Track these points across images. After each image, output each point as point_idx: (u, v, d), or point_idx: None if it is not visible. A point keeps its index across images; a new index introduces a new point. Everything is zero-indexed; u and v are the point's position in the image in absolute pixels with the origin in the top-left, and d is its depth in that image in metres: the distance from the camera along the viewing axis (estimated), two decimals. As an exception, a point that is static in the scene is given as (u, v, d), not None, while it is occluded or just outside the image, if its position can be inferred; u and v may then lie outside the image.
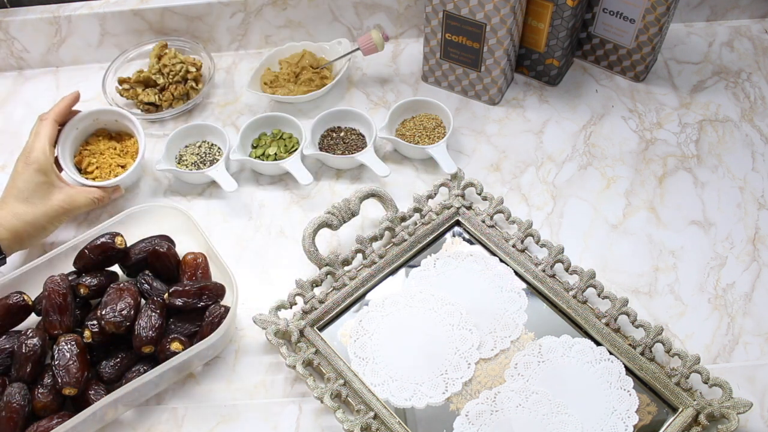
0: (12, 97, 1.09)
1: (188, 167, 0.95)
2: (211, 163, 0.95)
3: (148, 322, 0.76)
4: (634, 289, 0.84)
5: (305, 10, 1.08)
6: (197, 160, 0.95)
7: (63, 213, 0.83)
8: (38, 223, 0.81)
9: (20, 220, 0.80)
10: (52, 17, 1.06)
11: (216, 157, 0.96)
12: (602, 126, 1.01)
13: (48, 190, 0.82)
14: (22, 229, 0.80)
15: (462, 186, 0.90)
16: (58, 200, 0.83)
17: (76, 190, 0.85)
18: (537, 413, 0.74)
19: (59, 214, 0.83)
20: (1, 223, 0.79)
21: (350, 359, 0.78)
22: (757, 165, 0.96)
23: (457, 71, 1.02)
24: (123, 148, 0.95)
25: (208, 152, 0.97)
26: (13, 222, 0.79)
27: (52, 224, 0.83)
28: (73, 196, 0.84)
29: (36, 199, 0.81)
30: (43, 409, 0.72)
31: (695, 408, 0.73)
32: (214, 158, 0.96)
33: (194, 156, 0.96)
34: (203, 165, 0.95)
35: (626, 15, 0.98)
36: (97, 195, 0.86)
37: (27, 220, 0.80)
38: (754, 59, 1.08)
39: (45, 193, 0.82)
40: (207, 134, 0.98)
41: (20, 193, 0.81)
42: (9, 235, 0.79)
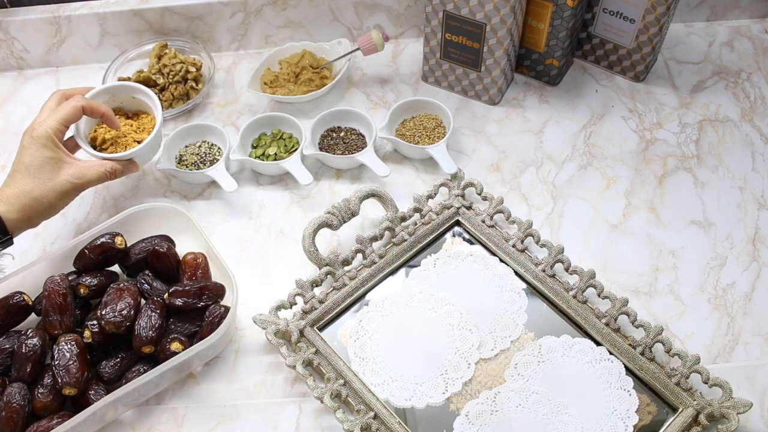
0: (12, 97, 1.09)
1: (188, 167, 0.95)
2: (211, 163, 0.95)
3: (148, 322, 0.76)
4: (634, 289, 0.84)
5: (305, 10, 1.08)
6: (197, 160, 0.95)
7: (72, 188, 0.80)
8: (47, 199, 0.78)
9: (28, 197, 0.77)
10: (52, 17, 1.06)
11: (216, 157, 0.96)
12: (602, 126, 1.01)
13: (56, 165, 0.79)
14: (30, 207, 0.77)
15: (462, 186, 0.90)
16: (67, 175, 0.79)
17: (87, 164, 0.81)
18: (537, 413, 0.74)
19: (68, 190, 0.79)
20: (9, 200, 0.76)
21: (350, 359, 0.78)
22: (757, 165, 0.96)
23: (457, 71, 1.02)
24: (140, 125, 0.92)
25: (208, 152, 0.97)
26: (21, 200, 0.76)
27: (61, 200, 0.80)
28: (82, 169, 0.81)
29: (44, 174, 0.78)
30: (43, 409, 0.72)
31: (695, 408, 0.73)
32: (214, 158, 0.96)
33: (194, 156, 0.96)
34: (203, 165, 0.95)
35: (626, 15, 0.98)
36: (108, 167, 0.82)
37: (35, 197, 0.77)
38: (754, 59, 1.08)
39: (53, 168, 0.79)
40: (207, 134, 0.98)
41: (27, 168, 0.78)
42: (17, 214, 0.76)
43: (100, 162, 0.83)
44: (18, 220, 0.76)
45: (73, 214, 0.94)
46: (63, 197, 0.79)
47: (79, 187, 0.80)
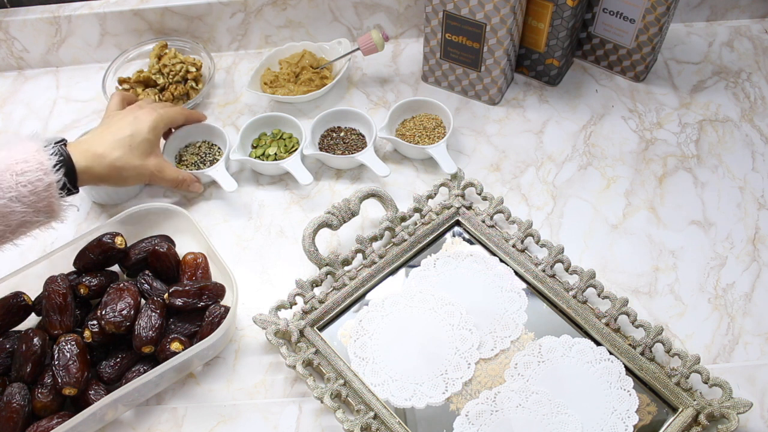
0: (12, 97, 1.09)
1: (188, 167, 0.95)
2: (211, 163, 0.95)
3: (148, 322, 0.76)
4: (634, 289, 0.84)
5: (305, 10, 1.08)
6: (197, 160, 0.96)
7: (149, 176, 0.85)
8: (127, 172, 0.82)
9: (112, 164, 0.80)
10: (52, 17, 1.06)
11: (216, 157, 0.96)
12: (602, 126, 1.01)
13: (150, 149, 0.85)
14: (112, 171, 0.80)
15: (462, 186, 0.90)
16: (153, 163, 0.85)
17: (168, 163, 0.88)
18: (537, 413, 0.74)
19: (146, 175, 0.85)
20: (95, 158, 0.78)
21: (350, 359, 0.78)
22: (757, 165, 0.96)
23: (457, 71, 1.02)
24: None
25: (209, 152, 0.97)
26: (108, 162, 0.80)
27: (135, 179, 0.84)
28: (164, 165, 0.87)
29: (138, 151, 0.83)
30: (43, 409, 0.72)
31: (695, 408, 0.73)
32: (215, 158, 0.96)
33: (194, 156, 0.96)
34: (203, 165, 0.95)
35: (626, 15, 0.98)
36: (183, 175, 0.89)
37: (118, 166, 0.80)
38: (754, 59, 1.08)
39: (146, 151, 0.84)
40: (207, 134, 0.98)
41: (128, 138, 0.82)
42: (95, 172, 0.79)
43: (176, 168, 0.90)
44: (91, 177, 0.79)
45: (73, 214, 0.94)
46: (137, 178, 0.84)
47: (155, 178, 0.86)
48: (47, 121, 1.05)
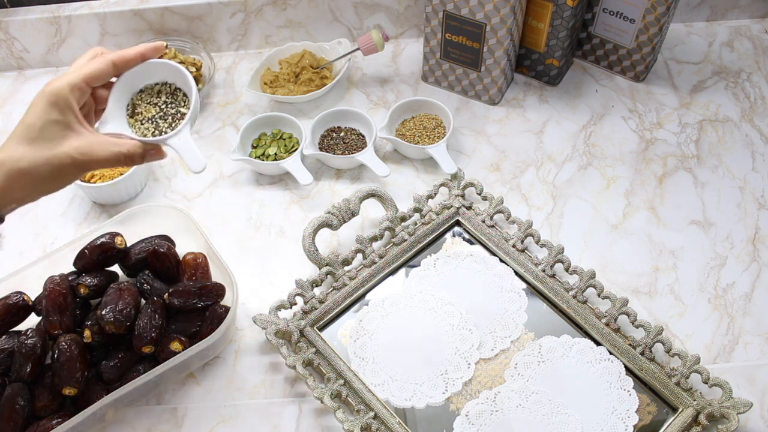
0: (12, 97, 1.09)
1: (143, 124, 0.70)
2: (173, 118, 0.70)
3: (148, 322, 0.76)
4: (634, 289, 0.84)
5: (305, 10, 1.08)
6: (155, 114, 0.69)
7: (73, 164, 0.62)
8: (39, 172, 0.61)
9: (15, 166, 0.60)
10: (52, 17, 1.06)
11: (180, 108, 0.71)
12: (602, 126, 1.01)
13: (61, 132, 0.61)
14: (15, 179, 0.60)
15: (462, 186, 0.90)
16: (71, 147, 0.61)
17: (99, 140, 0.63)
18: (537, 413, 0.74)
19: (67, 165, 0.61)
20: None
21: (350, 359, 0.78)
22: (757, 165, 0.96)
23: (457, 71, 1.02)
24: None
25: (171, 101, 0.71)
26: (6, 168, 0.60)
27: (57, 178, 0.62)
28: (92, 144, 0.62)
29: (43, 140, 0.61)
30: (43, 409, 0.72)
31: (695, 408, 0.73)
32: (178, 110, 0.71)
33: (151, 107, 0.71)
34: (163, 121, 0.70)
35: (626, 15, 0.98)
36: (124, 149, 0.63)
37: (22, 168, 0.60)
38: (754, 59, 1.08)
39: (56, 134, 0.61)
40: (167, 73, 0.73)
41: (26, 130, 0.61)
42: (1, 182, 0.60)
43: (114, 140, 0.64)
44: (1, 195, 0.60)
45: (73, 213, 0.94)
46: (59, 175, 0.62)
47: (81, 165, 0.62)
48: (47, 121, 1.05)
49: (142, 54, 0.67)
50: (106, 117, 0.66)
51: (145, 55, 0.67)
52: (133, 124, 0.68)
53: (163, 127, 0.68)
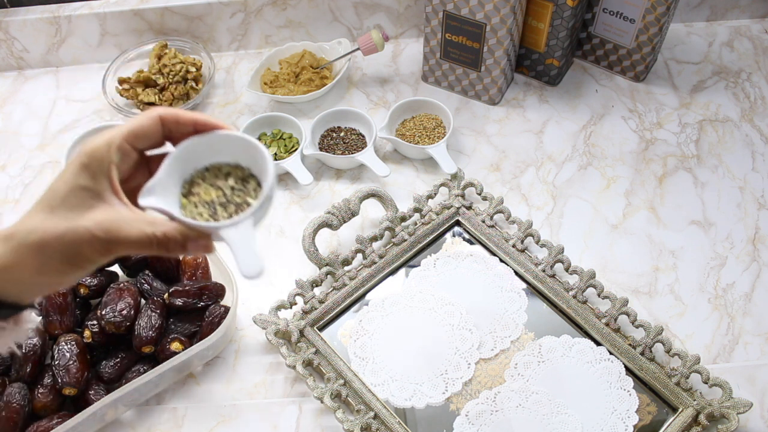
0: (12, 97, 1.09)
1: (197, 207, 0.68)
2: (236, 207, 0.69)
3: (148, 322, 0.76)
4: (634, 289, 0.84)
5: (305, 10, 1.08)
6: (216, 199, 0.77)
7: (90, 243, 0.47)
8: (50, 248, 0.47)
9: (26, 240, 0.47)
10: (52, 17, 1.06)
11: (247, 199, 0.75)
12: (602, 126, 1.01)
13: (88, 201, 0.48)
14: (25, 254, 0.47)
15: (462, 186, 0.90)
16: (93, 221, 0.47)
17: (130, 215, 0.48)
18: (537, 413, 0.74)
19: (84, 243, 0.47)
20: (7, 234, 0.48)
21: (350, 359, 0.78)
22: (757, 165, 0.96)
23: (457, 71, 1.02)
24: None
25: (241, 186, 0.78)
26: (17, 241, 0.48)
27: (71, 259, 0.48)
28: (119, 220, 0.48)
29: (64, 209, 0.48)
30: (43, 409, 0.72)
31: (695, 408, 0.73)
32: (244, 200, 0.75)
33: (213, 190, 0.75)
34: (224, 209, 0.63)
35: (626, 15, 0.98)
36: (160, 232, 0.48)
37: (32, 241, 0.47)
38: (754, 59, 1.08)
39: (80, 203, 0.48)
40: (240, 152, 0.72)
41: (50, 196, 0.49)
42: (10, 257, 0.48)
43: (150, 219, 0.49)
44: (4, 272, 0.48)
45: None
46: (74, 255, 0.48)
47: (102, 246, 0.47)
48: (47, 121, 1.05)
49: (194, 121, 0.51)
50: (151, 186, 0.50)
51: (198, 123, 0.52)
52: (185, 205, 0.52)
53: (221, 216, 0.52)
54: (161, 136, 0.52)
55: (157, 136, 0.51)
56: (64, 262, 0.48)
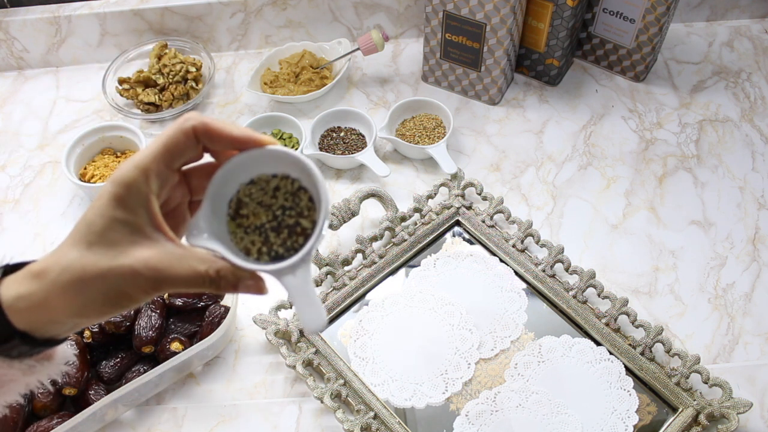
0: (12, 97, 1.09)
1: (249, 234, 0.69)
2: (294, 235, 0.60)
3: (148, 322, 0.76)
4: (634, 289, 0.84)
5: (305, 10, 1.08)
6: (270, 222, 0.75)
7: (135, 282, 0.42)
8: (91, 287, 0.43)
9: (62, 277, 0.42)
10: (52, 17, 1.06)
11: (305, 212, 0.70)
12: (602, 126, 1.01)
13: (128, 236, 0.43)
14: (61, 292, 0.43)
15: (462, 186, 0.90)
16: (138, 259, 0.42)
17: (178, 251, 0.43)
18: (537, 413, 0.74)
19: (129, 282, 0.42)
20: (41, 270, 0.43)
21: (350, 359, 0.78)
22: (757, 165, 0.96)
23: (457, 71, 1.02)
24: None
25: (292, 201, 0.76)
26: (52, 277, 0.42)
27: (115, 299, 0.43)
28: (166, 256, 0.43)
29: (104, 245, 0.43)
30: (43, 409, 0.72)
31: (695, 408, 0.73)
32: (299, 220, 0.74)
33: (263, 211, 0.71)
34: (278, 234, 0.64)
35: (626, 15, 0.98)
36: (213, 269, 0.43)
37: (70, 279, 0.42)
38: (754, 59, 1.08)
39: (121, 239, 0.43)
40: (283, 164, 0.72)
41: (86, 229, 0.43)
42: (43, 296, 0.42)
43: (199, 255, 0.44)
44: (32, 313, 0.43)
45: (73, 213, 0.94)
46: (119, 295, 0.43)
47: (149, 284, 0.43)
48: (47, 121, 1.05)
49: (231, 137, 0.44)
50: (197, 221, 0.45)
51: (236, 140, 0.45)
52: (234, 230, 0.46)
53: (275, 244, 0.46)
54: (199, 149, 0.45)
55: (193, 150, 0.45)
56: (106, 303, 0.43)
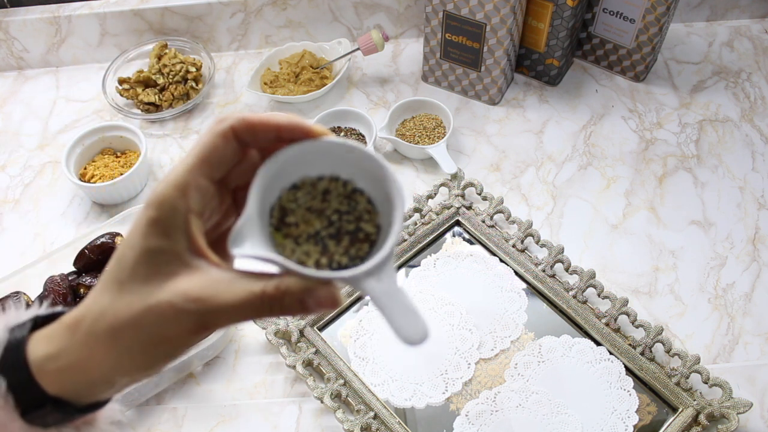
0: (12, 97, 1.09)
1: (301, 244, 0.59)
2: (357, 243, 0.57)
3: (148, 322, 0.76)
4: (634, 289, 0.84)
5: (305, 10, 1.08)
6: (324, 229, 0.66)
7: (177, 320, 0.36)
8: (124, 337, 0.36)
9: (94, 328, 0.37)
10: (52, 17, 1.06)
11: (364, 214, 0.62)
12: (602, 126, 1.01)
13: (164, 266, 0.36)
14: (94, 346, 0.37)
15: (462, 186, 0.90)
16: (175, 292, 0.36)
17: (228, 276, 0.36)
18: (537, 413, 0.74)
19: (170, 321, 0.36)
20: (74, 320, 0.38)
21: (350, 359, 0.78)
22: (757, 165, 0.96)
23: (457, 71, 1.02)
24: (126, 160, 0.95)
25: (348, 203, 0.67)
26: (84, 331, 0.37)
27: (156, 345, 0.36)
28: (214, 284, 0.36)
29: (136, 283, 0.36)
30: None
31: (695, 408, 0.73)
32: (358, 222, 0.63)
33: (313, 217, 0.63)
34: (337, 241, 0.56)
35: (626, 15, 0.98)
36: (270, 288, 0.36)
37: (102, 329, 0.36)
38: (754, 59, 1.08)
39: (156, 272, 0.36)
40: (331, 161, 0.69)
41: (117, 267, 0.37)
42: (76, 352, 0.37)
43: (251, 275, 0.37)
44: (66, 373, 0.37)
45: (73, 213, 0.94)
46: (160, 340, 0.36)
47: (194, 319, 0.36)
48: (47, 122, 1.05)
49: (277, 125, 0.38)
50: (241, 231, 0.36)
51: (283, 128, 0.38)
52: (282, 242, 0.38)
53: (336, 253, 0.38)
54: (240, 154, 0.39)
55: (235, 156, 0.38)
56: (144, 353, 0.36)
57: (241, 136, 0.38)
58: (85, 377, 0.37)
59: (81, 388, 0.38)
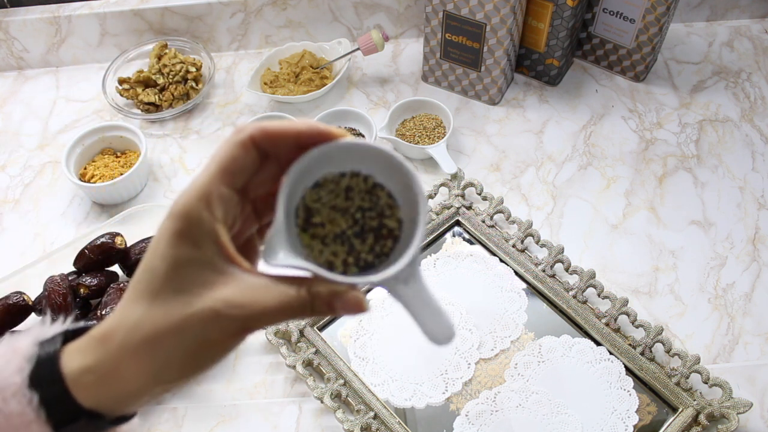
0: (12, 97, 1.09)
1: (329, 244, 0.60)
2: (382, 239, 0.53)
3: (148, 322, 0.76)
4: (634, 289, 0.84)
5: (305, 10, 1.08)
6: (350, 228, 0.69)
7: (219, 325, 0.36)
8: (165, 346, 0.36)
9: (129, 340, 0.37)
10: (52, 17, 1.06)
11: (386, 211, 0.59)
12: (602, 126, 1.01)
13: (200, 277, 0.37)
14: (131, 357, 0.37)
15: (462, 186, 0.90)
16: (215, 298, 0.36)
17: (263, 281, 0.38)
18: (537, 413, 0.74)
19: (212, 328, 0.36)
20: (104, 333, 0.38)
21: (350, 359, 0.78)
22: (757, 165, 0.96)
23: (457, 71, 1.02)
24: (126, 161, 0.96)
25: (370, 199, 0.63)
26: (117, 342, 0.37)
27: (198, 352, 0.37)
28: (253, 289, 0.37)
29: (172, 292, 0.37)
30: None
31: (695, 408, 0.73)
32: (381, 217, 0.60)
33: (339, 216, 0.63)
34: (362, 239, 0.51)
35: (626, 15, 0.98)
36: (304, 291, 0.38)
37: (139, 340, 0.36)
38: (754, 59, 1.08)
39: (193, 281, 0.37)
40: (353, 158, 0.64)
41: (148, 277, 0.37)
42: (111, 364, 0.37)
43: (285, 279, 0.38)
44: (101, 387, 0.37)
45: (73, 213, 0.94)
46: (202, 346, 0.37)
47: (235, 325, 0.37)
48: (47, 121, 1.05)
49: (297, 132, 0.38)
50: (272, 239, 0.37)
51: (303, 135, 0.38)
52: (309, 243, 0.39)
53: (362, 251, 0.40)
54: (258, 162, 0.39)
55: (254, 165, 0.39)
56: (187, 360, 0.37)
57: (261, 144, 0.38)
58: (123, 388, 0.37)
59: (117, 400, 0.38)
